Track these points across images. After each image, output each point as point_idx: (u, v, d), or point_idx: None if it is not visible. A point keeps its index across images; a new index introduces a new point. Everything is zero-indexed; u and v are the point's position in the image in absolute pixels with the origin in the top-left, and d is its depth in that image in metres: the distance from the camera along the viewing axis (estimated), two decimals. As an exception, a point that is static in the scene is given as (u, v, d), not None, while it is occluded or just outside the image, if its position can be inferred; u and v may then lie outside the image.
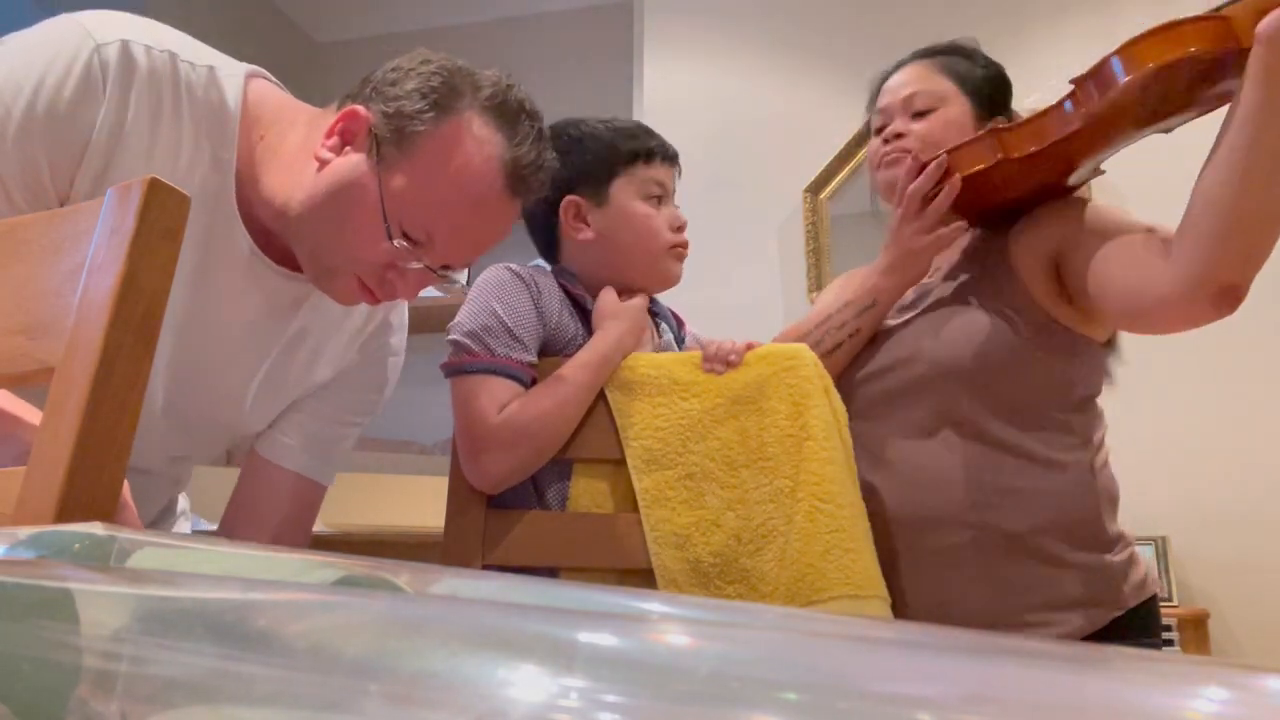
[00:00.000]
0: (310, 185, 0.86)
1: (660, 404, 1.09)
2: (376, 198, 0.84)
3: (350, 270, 0.87)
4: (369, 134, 0.86)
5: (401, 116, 0.85)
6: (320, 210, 0.85)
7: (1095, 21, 2.55)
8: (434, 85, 0.86)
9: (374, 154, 0.85)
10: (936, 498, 1.05)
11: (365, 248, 0.86)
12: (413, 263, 0.87)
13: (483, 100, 0.87)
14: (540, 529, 1.08)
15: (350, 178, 0.85)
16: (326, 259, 0.88)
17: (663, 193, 1.22)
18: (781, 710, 0.22)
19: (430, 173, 0.85)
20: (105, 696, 0.29)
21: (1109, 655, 0.25)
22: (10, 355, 0.63)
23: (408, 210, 0.85)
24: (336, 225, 0.86)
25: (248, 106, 0.90)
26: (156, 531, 0.58)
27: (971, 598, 1.03)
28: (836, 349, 1.15)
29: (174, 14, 3.28)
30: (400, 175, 0.85)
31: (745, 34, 2.84)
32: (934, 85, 1.19)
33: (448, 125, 0.85)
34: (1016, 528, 1.02)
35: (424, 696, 0.24)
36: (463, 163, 0.85)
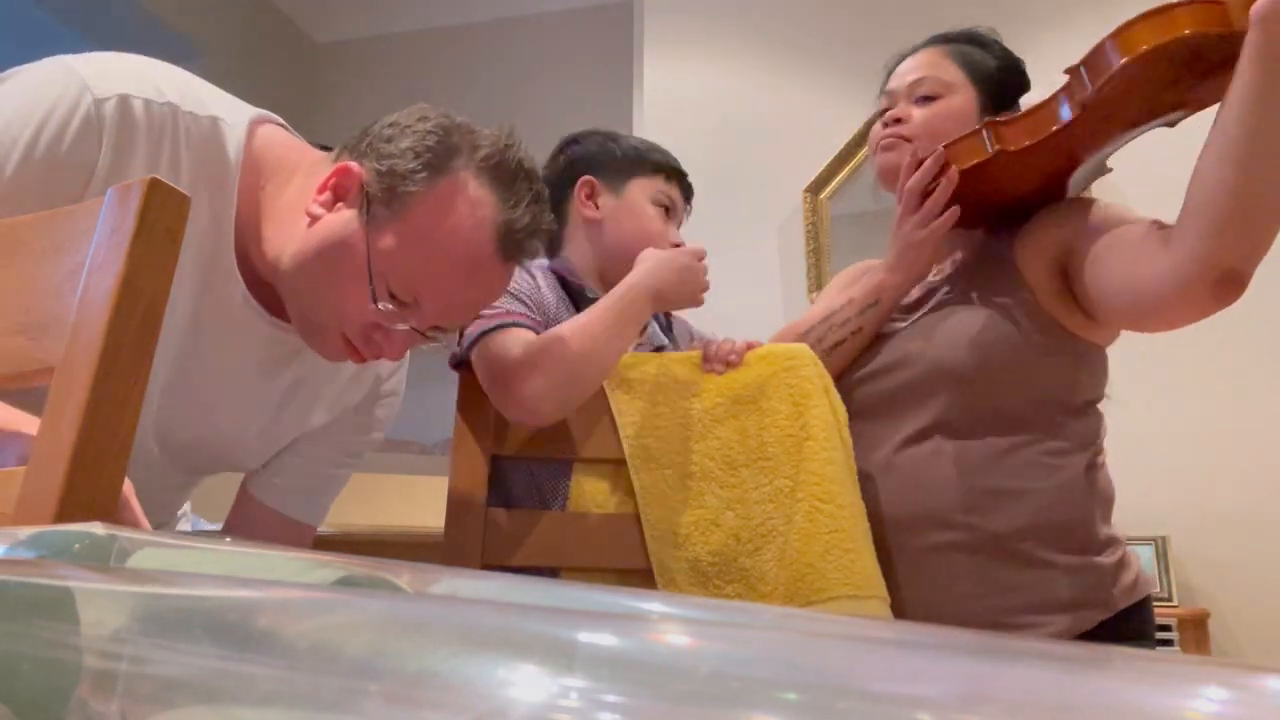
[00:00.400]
0: (301, 241, 0.84)
1: (660, 402, 1.09)
2: (364, 257, 0.82)
3: (337, 328, 0.86)
4: (361, 191, 0.84)
5: (394, 175, 0.83)
6: (309, 267, 0.84)
7: (1095, 21, 2.54)
8: (429, 145, 0.84)
9: (364, 212, 0.83)
10: (929, 498, 1.05)
11: (351, 307, 0.84)
12: (399, 324, 0.85)
13: (478, 161, 0.85)
14: (540, 529, 1.08)
15: (339, 235, 0.83)
16: (314, 316, 0.86)
17: (672, 207, 1.27)
18: (781, 710, 0.22)
19: (420, 234, 0.83)
20: (105, 696, 0.29)
21: (1109, 655, 0.25)
22: (10, 355, 0.63)
23: (395, 272, 0.83)
24: (324, 283, 0.84)
25: (251, 156, 0.87)
26: (156, 531, 0.58)
27: (960, 599, 1.03)
28: (838, 347, 1.14)
29: (175, 15, 3.27)
30: (389, 235, 0.83)
31: (745, 34, 2.84)
32: (942, 73, 1.18)
33: (441, 186, 0.83)
34: (1005, 528, 1.02)
35: (424, 696, 0.24)
36: (453, 225, 0.83)
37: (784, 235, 2.71)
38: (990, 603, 1.02)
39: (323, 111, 3.60)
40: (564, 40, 3.42)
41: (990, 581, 1.02)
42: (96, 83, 0.78)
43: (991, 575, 1.02)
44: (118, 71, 0.80)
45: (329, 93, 3.62)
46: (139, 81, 0.80)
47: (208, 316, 0.88)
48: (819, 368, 1.09)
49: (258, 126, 0.89)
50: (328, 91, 3.63)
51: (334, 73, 3.65)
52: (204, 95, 0.85)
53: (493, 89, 3.42)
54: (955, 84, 1.17)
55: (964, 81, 1.17)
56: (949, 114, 1.15)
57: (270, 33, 3.44)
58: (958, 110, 1.15)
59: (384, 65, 3.56)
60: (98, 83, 0.78)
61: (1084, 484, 1.06)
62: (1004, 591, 1.02)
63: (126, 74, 0.80)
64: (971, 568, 1.03)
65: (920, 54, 1.22)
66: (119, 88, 0.78)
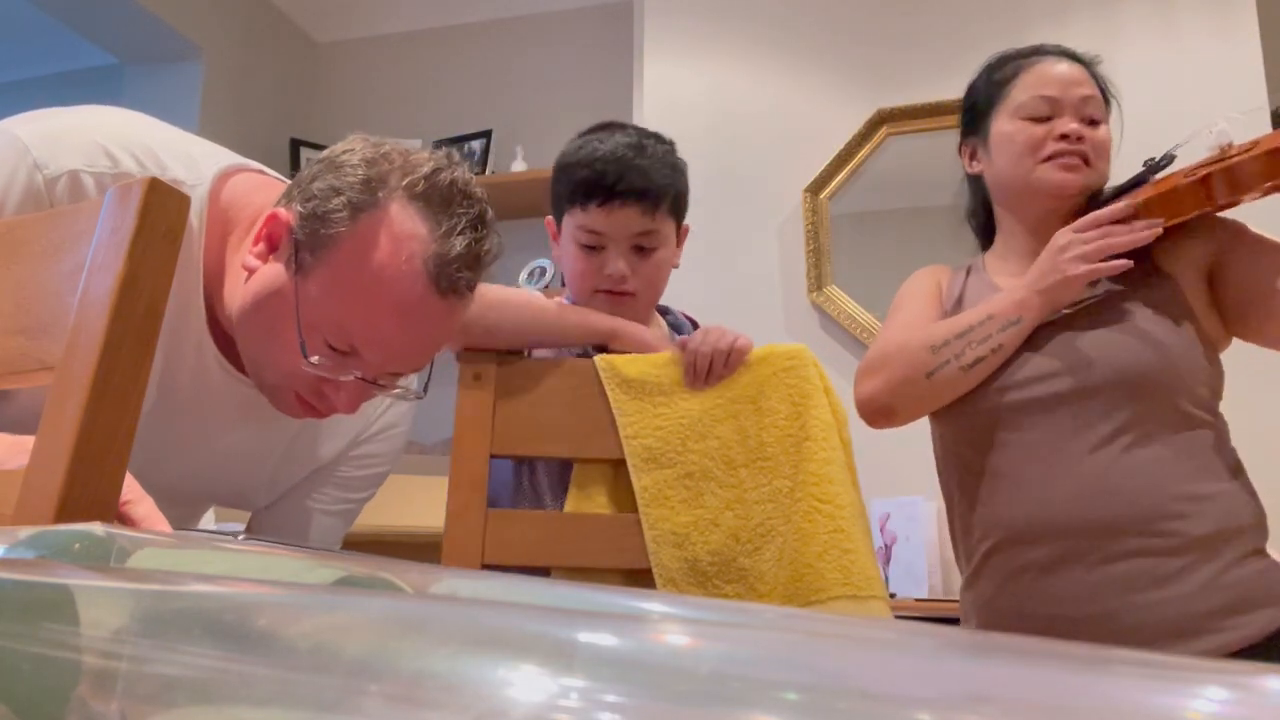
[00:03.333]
0: (242, 296, 0.80)
1: (660, 403, 1.09)
2: (294, 308, 0.77)
3: (288, 385, 0.81)
4: (290, 238, 0.78)
5: (315, 219, 0.77)
6: (248, 322, 0.80)
7: (1095, 21, 2.55)
8: (350, 181, 0.77)
9: (293, 260, 0.78)
10: (1123, 504, 1.03)
11: (292, 362, 0.78)
12: (342, 375, 0.80)
13: (404, 189, 0.78)
14: (540, 529, 1.08)
15: (272, 287, 0.78)
16: (263, 374, 0.82)
17: (599, 242, 1.12)
18: (781, 710, 0.22)
19: (346, 278, 0.77)
20: (105, 696, 0.29)
21: (1109, 655, 0.25)
22: (10, 355, 0.63)
23: (326, 321, 0.77)
24: (263, 338, 0.80)
25: (218, 212, 0.83)
26: (156, 531, 0.58)
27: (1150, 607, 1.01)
28: (979, 363, 1.10)
29: (175, 15, 3.26)
30: (316, 282, 0.77)
31: (745, 34, 2.84)
32: (1098, 97, 1.17)
33: (365, 222, 0.77)
34: (1204, 531, 1.01)
35: (424, 696, 0.24)
36: (380, 264, 0.76)
37: (784, 235, 2.71)
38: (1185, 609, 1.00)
39: (323, 111, 3.60)
40: (564, 40, 3.42)
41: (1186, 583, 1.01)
42: (46, 159, 0.74)
43: (1194, 578, 1.01)
44: (70, 143, 0.76)
45: (329, 93, 3.62)
46: (91, 152, 0.76)
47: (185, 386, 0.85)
48: (819, 368, 1.09)
49: (226, 180, 0.85)
50: (328, 91, 3.63)
51: (334, 73, 3.65)
52: (165, 155, 0.80)
53: (493, 89, 3.42)
54: (1106, 114, 1.17)
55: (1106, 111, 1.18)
56: (1107, 144, 1.16)
57: (270, 33, 3.44)
58: (1108, 140, 1.16)
59: (384, 65, 3.56)
60: (48, 159, 0.74)
61: (1250, 485, 1.08)
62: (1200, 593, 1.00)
63: (78, 145, 0.76)
64: (1171, 573, 1.01)
65: (1074, 67, 1.18)
66: (69, 163, 0.75)
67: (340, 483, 1.06)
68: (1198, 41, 2.47)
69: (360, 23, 3.59)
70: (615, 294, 1.13)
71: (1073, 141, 1.13)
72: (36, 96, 3.49)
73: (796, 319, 2.64)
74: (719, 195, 2.71)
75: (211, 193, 0.83)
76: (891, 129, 2.63)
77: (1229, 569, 1.01)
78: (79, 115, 0.81)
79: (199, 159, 0.84)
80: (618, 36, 3.24)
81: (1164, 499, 1.02)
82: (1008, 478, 1.09)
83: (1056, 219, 1.16)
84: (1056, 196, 1.15)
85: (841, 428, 1.07)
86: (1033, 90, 1.16)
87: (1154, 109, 2.44)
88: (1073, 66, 1.17)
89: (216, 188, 0.84)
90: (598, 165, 1.10)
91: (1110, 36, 2.49)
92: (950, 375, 1.10)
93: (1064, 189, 1.14)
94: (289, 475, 0.99)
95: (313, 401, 0.82)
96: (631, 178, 1.09)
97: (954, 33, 2.63)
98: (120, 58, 3.16)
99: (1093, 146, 1.13)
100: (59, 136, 0.77)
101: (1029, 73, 1.18)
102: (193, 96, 3.05)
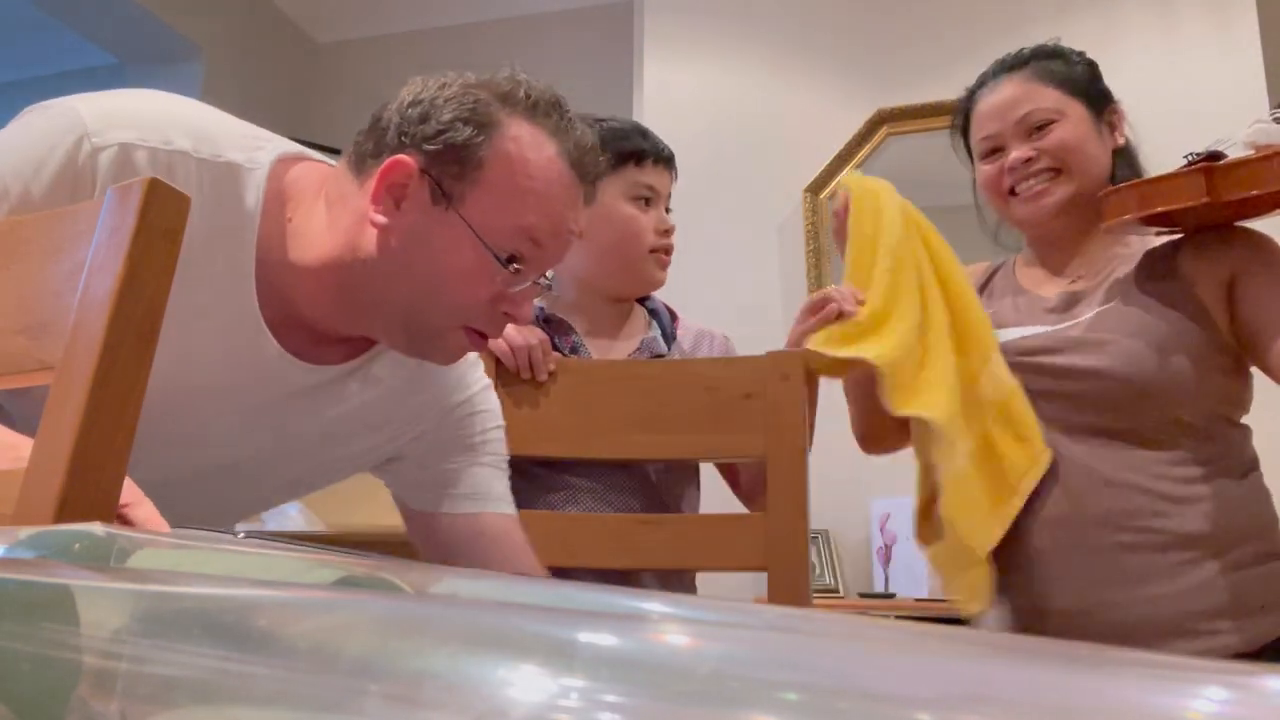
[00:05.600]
0: (380, 254, 0.81)
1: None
2: (467, 235, 0.80)
3: (457, 323, 0.84)
4: (422, 179, 0.81)
5: (452, 149, 0.81)
6: (401, 277, 0.81)
7: (1095, 21, 2.54)
8: (470, 106, 0.82)
9: (440, 195, 0.81)
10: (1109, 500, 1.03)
11: (470, 291, 0.82)
12: (523, 283, 0.84)
13: (517, 104, 0.84)
14: (540, 529, 1.08)
15: (424, 230, 0.80)
16: (426, 321, 0.83)
17: (652, 195, 1.21)
18: (781, 710, 0.22)
19: (510, 185, 0.82)
20: (105, 696, 0.29)
21: (1109, 655, 0.25)
22: (10, 355, 0.63)
23: (504, 232, 0.82)
24: (430, 283, 0.81)
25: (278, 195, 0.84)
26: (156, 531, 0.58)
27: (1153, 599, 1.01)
28: None
29: (175, 15, 3.26)
30: (479, 203, 0.81)
31: (745, 34, 2.84)
32: (1043, 98, 1.14)
33: (499, 139, 0.82)
34: (1195, 530, 1.01)
35: (424, 696, 0.24)
36: (534, 166, 0.82)
37: (784, 235, 2.71)
38: (1183, 606, 1.00)
39: (323, 111, 3.60)
40: (564, 40, 3.42)
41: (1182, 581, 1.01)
42: (100, 129, 0.75)
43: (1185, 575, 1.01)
44: (125, 116, 0.77)
45: (329, 93, 3.62)
46: (145, 128, 0.77)
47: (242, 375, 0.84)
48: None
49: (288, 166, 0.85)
50: (328, 91, 3.63)
51: (334, 73, 3.65)
52: (221, 138, 0.81)
53: (493, 89, 3.42)
54: (1061, 104, 1.14)
55: (1065, 98, 1.14)
56: (1077, 132, 1.13)
57: (270, 33, 3.44)
58: (1078, 127, 1.13)
59: (384, 65, 3.56)
60: (102, 129, 0.75)
61: (1263, 492, 1.07)
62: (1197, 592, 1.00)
63: (133, 119, 0.77)
64: (1165, 567, 1.01)
65: (1005, 85, 1.17)
66: (120, 135, 0.75)
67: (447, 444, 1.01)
68: (1198, 41, 2.47)
69: (360, 23, 3.59)
70: (665, 252, 1.23)
71: (1021, 168, 1.13)
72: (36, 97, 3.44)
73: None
74: (719, 195, 2.71)
75: (271, 175, 0.83)
76: (891, 129, 2.63)
77: (1229, 571, 1.01)
78: (142, 96, 0.82)
79: (258, 142, 0.84)
80: (618, 36, 3.24)
81: (1152, 497, 1.02)
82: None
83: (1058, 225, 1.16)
84: (1035, 226, 1.17)
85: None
86: (977, 134, 1.19)
87: (1154, 109, 2.44)
88: (1010, 84, 1.16)
89: (277, 172, 0.84)
90: (636, 132, 1.22)
91: (1110, 36, 2.49)
92: None
93: (1036, 220, 1.15)
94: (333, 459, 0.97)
95: (483, 328, 0.85)
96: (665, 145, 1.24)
97: (954, 33, 2.63)
98: (120, 58, 3.16)
99: (1052, 154, 1.12)
100: (116, 111, 0.77)
101: (974, 115, 1.20)
102: (193, 96, 3.04)
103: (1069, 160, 1.12)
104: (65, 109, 0.77)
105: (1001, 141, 1.15)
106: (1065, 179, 1.13)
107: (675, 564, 1.10)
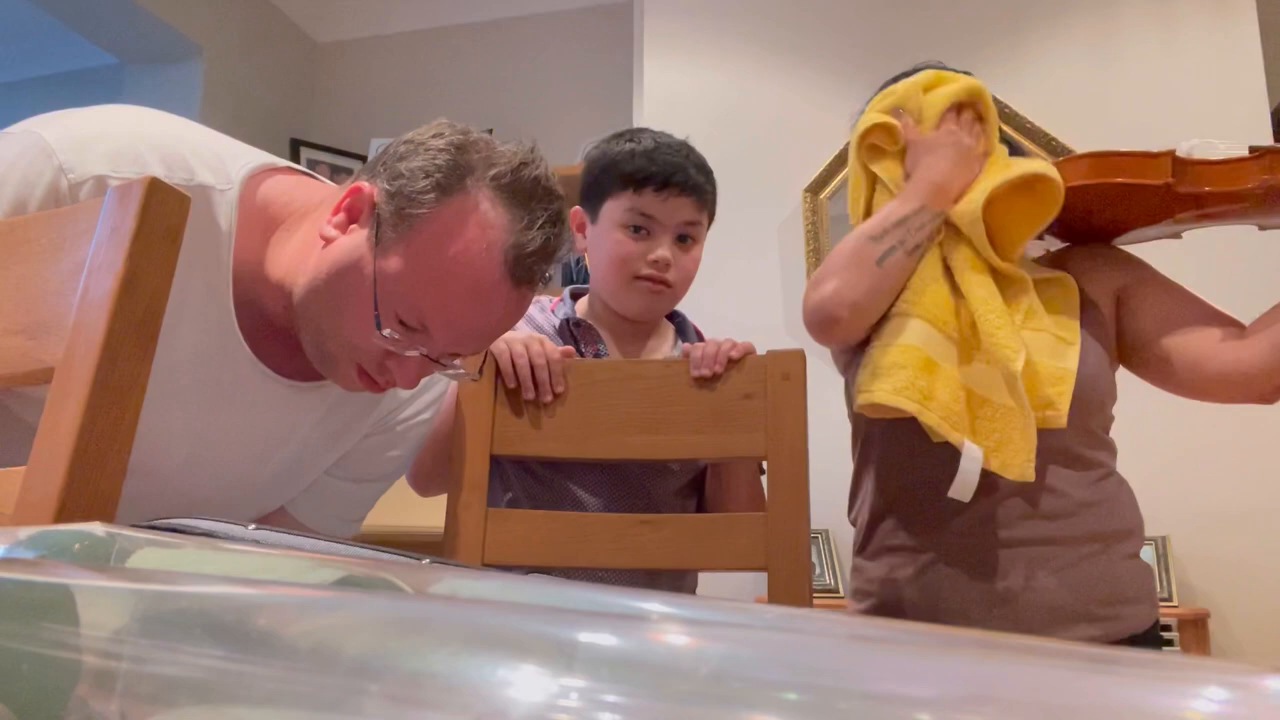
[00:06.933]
0: (314, 266, 0.81)
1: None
2: (371, 282, 0.79)
3: (350, 357, 0.83)
4: (372, 212, 0.81)
5: (402, 197, 0.80)
6: (320, 293, 0.81)
7: (1095, 21, 2.54)
8: (439, 164, 0.80)
9: (374, 234, 0.80)
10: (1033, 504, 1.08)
11: (361, 334, 0.81)
12: (409, 351, 0.82)
13: (491, 179, 0.81)
14: (540, 529, 1.08)
15: (350, 258, 0.80)
16: (327, 345, 0.83)
17: (646, 223, 1.17)
18: (781, 710, 0.22)
19: (426, 258, 0.79)
20: (105, 696, 0.29)
21: (1109, 655, 0.25)
22: (10, 355, 0.63)
23: (401, 297, 0.79)
24: (334, 309, 0.81)
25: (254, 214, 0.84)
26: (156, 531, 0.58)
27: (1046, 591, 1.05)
28: (917, 249, 1.09)
29: (175, 14, 3.25)
30: (396, 259, 0.79)
31: (745, 34, 2.84)
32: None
33: (450, 207, 0.80)
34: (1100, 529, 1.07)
35: (424, 696, 0.24)
36: (461, 248, 0.79)
37: (784, 235, 2.71)
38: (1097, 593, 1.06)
39: (323, 111, 3.60)
40: (564, 40, 3.42)
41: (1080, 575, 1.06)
42: (73, 164, 0.74)
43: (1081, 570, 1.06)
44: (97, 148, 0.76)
45: (329, 93, 3.62)
46: (118, 158, 0.76)
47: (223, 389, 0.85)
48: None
49: (259, 182, 0.85)
50: (328, 91, 3.63)
51: (334, 73, 3.65)
52: (193, 160, 0.81)
53: (493, 89, 3.42)
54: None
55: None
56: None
57: (270, 33, 3.44)
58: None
59: (384, 65, 3.56)
60: (74, 163, 0.74)
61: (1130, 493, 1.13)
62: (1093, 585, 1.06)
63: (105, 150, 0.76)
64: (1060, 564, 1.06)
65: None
66: (95, 168, 0.75)
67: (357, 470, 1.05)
68: (1198, 41, 2.47)
69: (360, 23, 3.59)
70: (655, 282, 1.17)
71: None
72: (36, 96, 3.49)
73: (796, 319, 2.63)
74: (719, 195, 2.71)
75: (243, 195, 0.83)
76: (891, 129, 2.63)
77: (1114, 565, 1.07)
78: (105, 118, 0.80)
79: (227, 161, 0.84)
80: (618, 36, 3.24)
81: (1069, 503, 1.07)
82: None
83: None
84: None
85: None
86: None
87: (1154, 109, 2.44)
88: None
89: (249, 190, 0.84)
90: (657, 155, 1.17)
91: (1110, 37, 2.49)
92: (898, 260, 1.07)
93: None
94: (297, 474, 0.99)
95: (373, 375, 0.84)
96: (688, 170, 1.18)
97: (954, 33, 2.63)
98: (120, 58, 3.16)
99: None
100: (85, 141, 0.76)
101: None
102: (193, 96, 3.05)
103: None
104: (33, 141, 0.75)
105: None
106: None
107: (675, 564, 1.10)
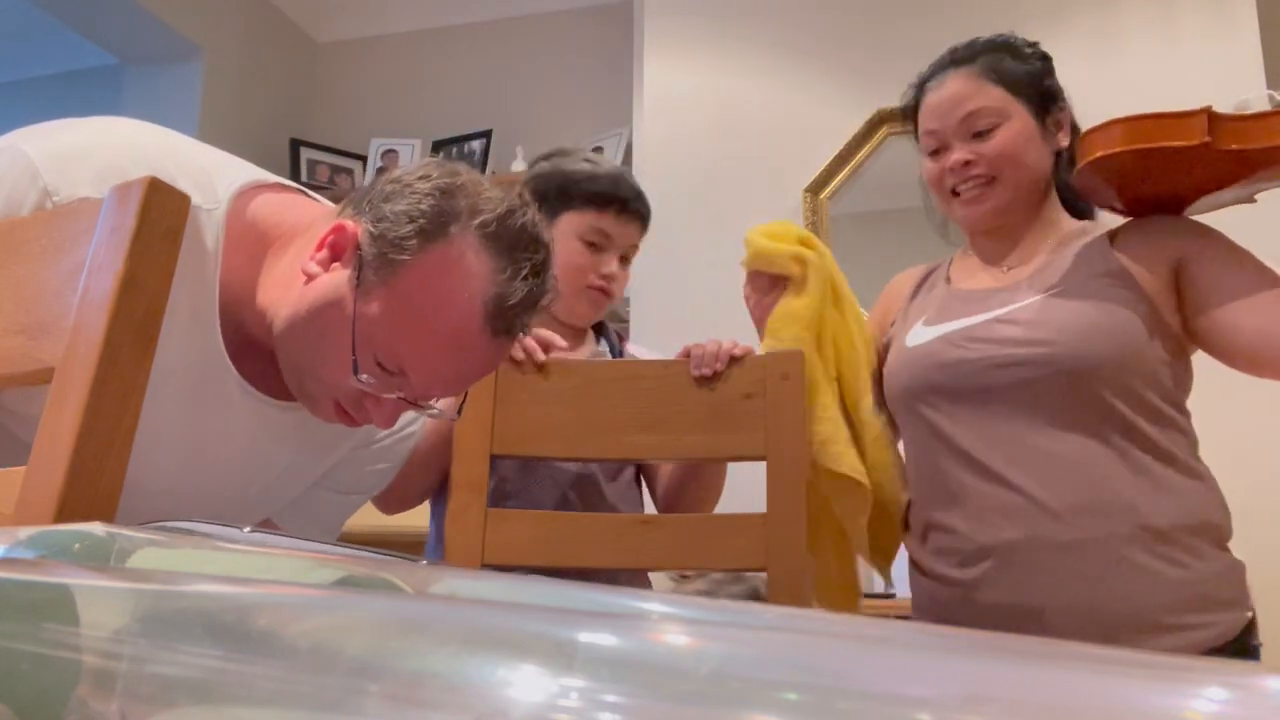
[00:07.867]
0: (295, 301, 0.80)
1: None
2: (350, 323, 0.78)
3: (328, 394, 0.82)
4: (355, 252, 0.79)
5: (385, 241, 0.78)
6: (300, 329, 0.80)
7: (1095, 21, 2.54)
8: (424, 209, 0.79)
9: (356, 275, 0.79)
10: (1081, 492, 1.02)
11: (338, 374, 0.80)
12: (386, 394, 0.81)
13: (476, 227, 0.79)
14: (540, 529, 1.08)
15: (331, 298, 0.79)
16: (303, 380, 0.83)
17: (602, 241, 1.27)
18: (781, 710, 0.22)
19: (407, 304, 0.78)
20: (105, 696, 0.29)
21: (1109, 655, 0.25)
22: (10, 355, 0.63)
23: (381, 341, 0.78)
24: (313, 347, 0.80)
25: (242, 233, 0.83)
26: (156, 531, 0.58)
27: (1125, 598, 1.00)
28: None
29: (175, 15, 3.24)
30: (376, 303, 0.78)
31: (745, 34, 2.84)
32: (987, 97, 1.12)
33: (432, 254, 0.78)
34: (1163, 524, 1.00)
35: (424, 696, 0.24)
36: (443, 298, 0.78)
37: (784, 235, 2.71)
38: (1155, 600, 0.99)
39: (323, 111, 3.60)
40: (564, 40, 3.42)
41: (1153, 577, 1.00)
42: (58, 184, 0.73)
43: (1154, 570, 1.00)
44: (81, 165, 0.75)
45: (329, 93, 3.62)
46: (103, 176, 0.74)
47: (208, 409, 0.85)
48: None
49: (248, 200, 0.85)
50: (328, 91, 3.63)
51: (334, 73, 3.65)
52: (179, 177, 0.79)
53: (492, 89, 3.42)
54: (1006, 108, 1.12)
55: (1011, 101, 1.12)
56: (1016, 138, 1.11)
57: (270, 33, 3.44)
58: (1021, 132, 1.11)
59: (384, 65, 3.56)
60: (59, 184, 0.73)
61: (1214, 484, 1.06)
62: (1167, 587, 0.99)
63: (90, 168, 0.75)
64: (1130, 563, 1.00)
65: (951, 80, 1.15)
66: (80, 189, 0.73)
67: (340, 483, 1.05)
68: (1198, 41, 2.47)
69: (360, 23, 3.59)
70: (603, 292, 1.29)
71: (960, 170, 1.12)
72: (36, 96, 3.48)
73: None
74: (719, 195, 2.71)
75: (230, 214, 0.82)
76: (891, 129, 2.62)
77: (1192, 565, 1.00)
78: (90, 132, 0.79)
79: (215, 177, 0.83)
80: (618, 36, 3.24)
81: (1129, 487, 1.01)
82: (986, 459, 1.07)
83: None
84: (970, 228, 1.18)
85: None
86: (922, 128, 1.18)
87: (1154, 108, 2.44)
88: (956, 81, 1.15)
89: (237, 208, 0.83)
90: (620, 179, 1.29)
91: (1110, 36, 2.49)
92: None
93: (973, 223, 1.16)
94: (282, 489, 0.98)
95: (351, 412, 0.83)
96: (642, 199, 1.31)
97: (954, 33, 2.63)
98: (120, 58, 3.16)
99: (989, 163, 1.11)
100: (70, 158, 0.75)
101: (922, 106, 1.18)
102: (193, 96, 3.05)
103: (1004, 168, 1.11)
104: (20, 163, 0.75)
105: (945, 140, 1.14)
106: (999, 186, 1.12)
107: (675, 564, 1.10)
